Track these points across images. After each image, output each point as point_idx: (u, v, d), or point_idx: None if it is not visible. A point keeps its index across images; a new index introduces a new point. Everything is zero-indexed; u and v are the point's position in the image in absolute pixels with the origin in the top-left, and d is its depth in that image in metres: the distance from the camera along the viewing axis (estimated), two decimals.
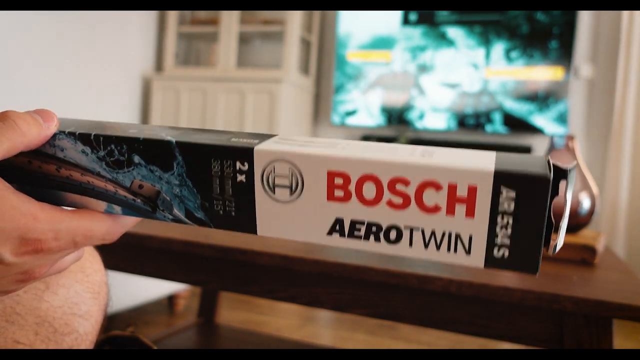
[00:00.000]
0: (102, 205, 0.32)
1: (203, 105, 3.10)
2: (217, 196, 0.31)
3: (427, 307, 0.73)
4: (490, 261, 0.27)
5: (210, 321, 1.46)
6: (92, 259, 0.45)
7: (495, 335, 0.71)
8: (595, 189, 0.97)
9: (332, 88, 3.19)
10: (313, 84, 3.31)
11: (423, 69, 2.98)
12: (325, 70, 3.35)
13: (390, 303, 0.74)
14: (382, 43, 3.06)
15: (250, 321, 2.08)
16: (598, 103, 2.83)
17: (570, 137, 0.98)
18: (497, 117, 2.85)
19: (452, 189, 0.27)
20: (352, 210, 0.29)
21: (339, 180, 0.29)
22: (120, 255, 0.88)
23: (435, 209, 0.28)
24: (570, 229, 0.97)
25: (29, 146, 0.31)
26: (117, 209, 0.32)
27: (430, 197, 0.28)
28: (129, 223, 0.33)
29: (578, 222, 0.96)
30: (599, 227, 2.69)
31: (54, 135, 0.32)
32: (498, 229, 0.27)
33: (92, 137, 0.32)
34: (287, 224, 0.31)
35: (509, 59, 2.83)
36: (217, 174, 0.31)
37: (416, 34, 2.99)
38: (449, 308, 0.71)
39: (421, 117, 2.99)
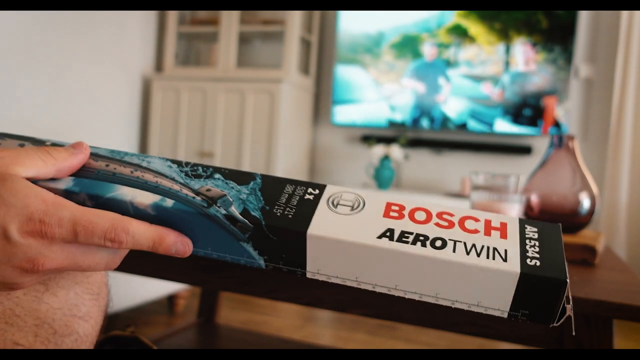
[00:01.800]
0: (155, 197, 0.35)
1: (203, 105, 3.10)
2: (280, 204, 0.36)
3: (428, 307, 0.73)
4: (525, 268, 0.32)
5: (210, 321, 1.46)
6: None
7: (495, 336, 0.71)
8: (595, 189, 0.97)
9: (332, 88, 3.19)
10: (313, 84, 3.31)
11: (421, 68, 2.98)
12: (325, 70, 3.34)
13: (390, 303, 0.74)
14: (381, 43, 3.06)
15: (250, 321, 2.08)
16: (597, 103, 2.83)
17: (570, 137, 0.98)
18: (497, 117, 2.85)
19: (488, 222, 0.35)
20: (403, 224, 0.35)
21: (395, 207, 0.36)
22: None
23: (475, 231, 0.35)
24: (571, 229, 0.97)
25: (61, 169, 0.35)
26: (169, 202, 0.35)
27: (471, 224, 0.35)
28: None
29: (578, 222, 0.96)
30: (599, 227, 2.69)
31: (148, 156, 0.39)
32: (528, 247, 0.34)
33: (183, 161, 0.38)
34: (341, 227, 0.34)
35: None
36: (287, 192, 0.37)
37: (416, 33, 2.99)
38: (449, 308, 0.71)
39: (421, 117, 2.99)
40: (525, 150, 2.85)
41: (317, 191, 0.37)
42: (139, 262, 0.89)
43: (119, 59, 3.08)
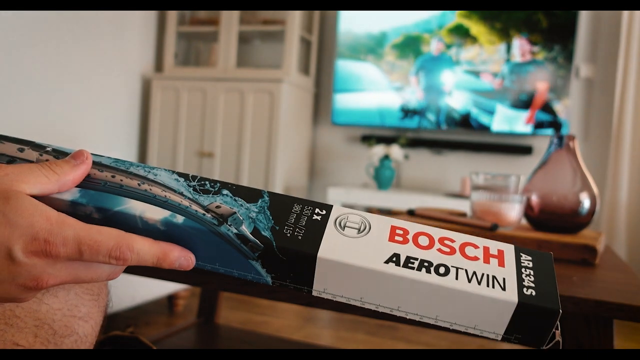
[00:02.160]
0: (165, 212, 0.35)
1: (203, 105, 3.10)
2: (289, 224, 0.36)
3: None
4: (522, 297, 0.34)
5: (210, 321, 1.46)
6: None
7: None
8: (595, 189, 0.97)
9: (332, 88, 3.19)
10: (313, 84, 3.31)
11: (428, 62, 2.98)
12: (325, 70, 3.34)
13: None
14: (381, 42, 3.06)
15: (250, 321, 2.07)
16: (598, 103, 2.83)
17: (570, 137, 0.98)
18: (498, 117, 2.85)
19: (486, 249, 0.37)
20: (408, 250, 0.36)
21: (399, 231, 0.37)
22: None
23: (475, 258, 0.36)
24: (571, 229, 0.97)
25: (65, 183, 0.35)
26: (180, 218, 0.35)
27: (471, 251, 0.37)
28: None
29: (578, 222, 0.96)
30: (599, 227, 2.69)
31: (154, 167, 0.38)
32: (524, 276, 0.36)
33: (190, 175, 0.39)
34: (349, 251, 0.35)
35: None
36: (295, 211, 0.37)
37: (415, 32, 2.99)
38: None
39: (421, 116, 2.99)
40: (525, 150, 2.85)
41: (324, 212, 0.38)
42: None
43: (119, 59, 3.08)
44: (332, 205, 0.38)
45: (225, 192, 0.37)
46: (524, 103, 2.81)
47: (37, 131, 2.59)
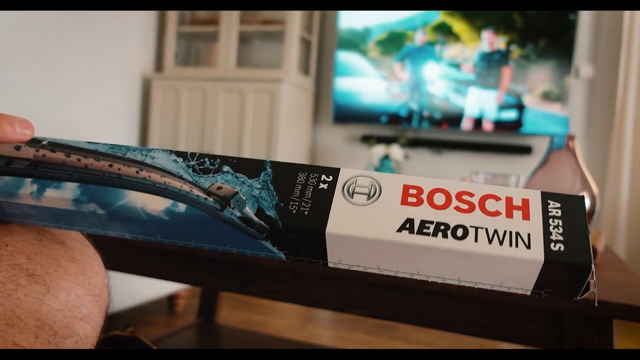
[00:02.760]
0: (166, 202, 0.35)
1: (203, 105, 3.10)
2: (294, 198, 0.34)
3: (427, 307, 0.73)
4: (549, 254, 0.31)
5: (210, 321, 1.46)
6: (93, 262, 0.45)
7: (495, 336, 0.71)
8: (595, 189, 0.97)
9: (332, 88, 3.19)
10: (313, 84, 3.31)
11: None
12: (325, 70, 3.34)
13: (390, 303, 0.74)
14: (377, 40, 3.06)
15: (250, 321, 2.08)
16: (598, 103, 2.83)
17: (570, 137, 0.98)
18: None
19: (509, 200, 0.34)
20: (422, 212, 0.33)
21: (412, 191, 0.34)
22: (121, 255, 0.88)
23: (496, 213, 0.33)
24: None
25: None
26: (182, 207, 0.34)
27: (492, 205, 0.34)
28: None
29: None
30: (600, 227, 2.69)
31: (151, 149, 0.37)
32: (551, 229, 0.32)
33: (188, 153, 0.37)
34: (358, 222, 0.33)
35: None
36: (300, 182, 0.35)
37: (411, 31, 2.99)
38: (449, 308, 0.71)
39: (420, 116, 2.99)
40: (525, 150, 2.85)
41: (330, 178, 0.36)
42: (139, 262, 0.89)
43: (119, 59, 3.08)
44: (339, 169, 0.36)
45: (226, 168, 0.36)
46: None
47: (37, 132, 2.59)
